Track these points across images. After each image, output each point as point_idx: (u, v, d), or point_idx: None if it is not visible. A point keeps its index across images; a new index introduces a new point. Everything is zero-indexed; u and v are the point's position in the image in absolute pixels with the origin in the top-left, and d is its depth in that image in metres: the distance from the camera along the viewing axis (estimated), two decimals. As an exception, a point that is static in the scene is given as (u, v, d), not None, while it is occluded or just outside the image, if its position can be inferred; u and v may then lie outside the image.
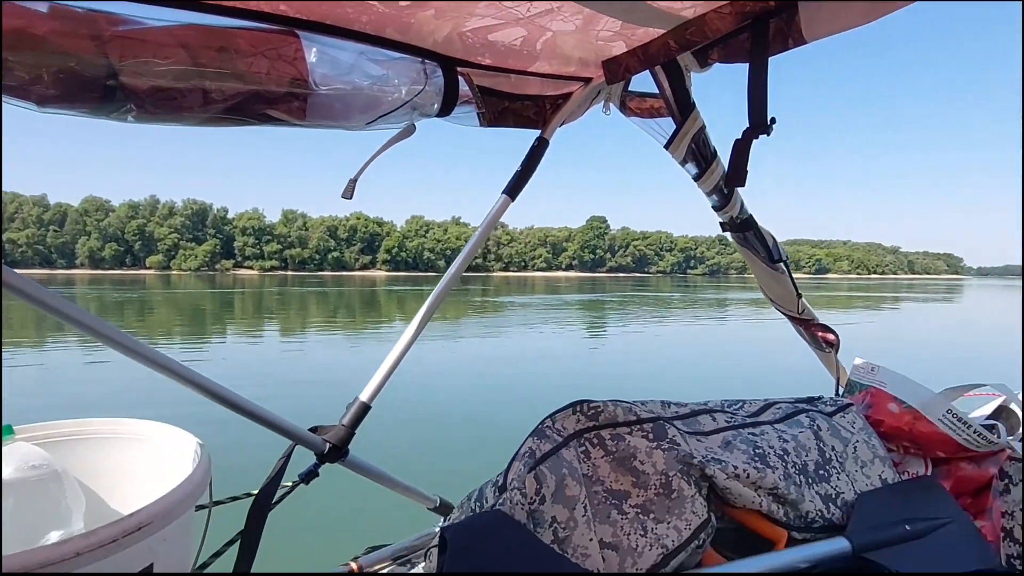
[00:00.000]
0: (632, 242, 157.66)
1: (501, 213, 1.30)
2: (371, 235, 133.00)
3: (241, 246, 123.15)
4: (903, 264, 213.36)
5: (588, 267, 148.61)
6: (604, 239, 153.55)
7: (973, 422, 1.26)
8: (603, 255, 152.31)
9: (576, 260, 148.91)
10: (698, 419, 1.20)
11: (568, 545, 0.95)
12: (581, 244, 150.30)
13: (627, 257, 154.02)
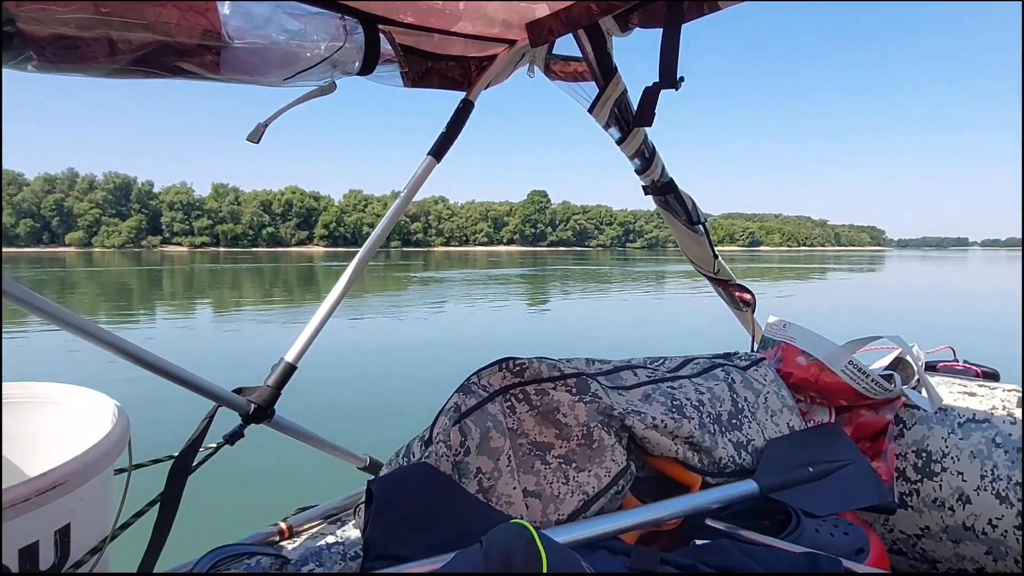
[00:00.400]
0: (573, 216, 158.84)
1: (427, 175, 1.30)
2: (308, 210, 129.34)
3: (169, 222, 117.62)
4: (830, 236, 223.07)
5: (529, 241, 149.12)
6: (545, 213, 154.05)
7: (872, 372, 1.35)
8: (544, 229, 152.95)
9: (518, 234, 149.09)
10: (620, 374, 1.25)
11: (493, 494, 0.98)
12: (522, 218, 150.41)
13: (568, 231, 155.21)
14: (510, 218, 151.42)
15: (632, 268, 38.95)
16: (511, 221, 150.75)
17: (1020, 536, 1.23)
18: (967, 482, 1.32)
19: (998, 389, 1.42)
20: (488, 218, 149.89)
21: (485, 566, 0.61)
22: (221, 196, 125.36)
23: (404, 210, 1.33)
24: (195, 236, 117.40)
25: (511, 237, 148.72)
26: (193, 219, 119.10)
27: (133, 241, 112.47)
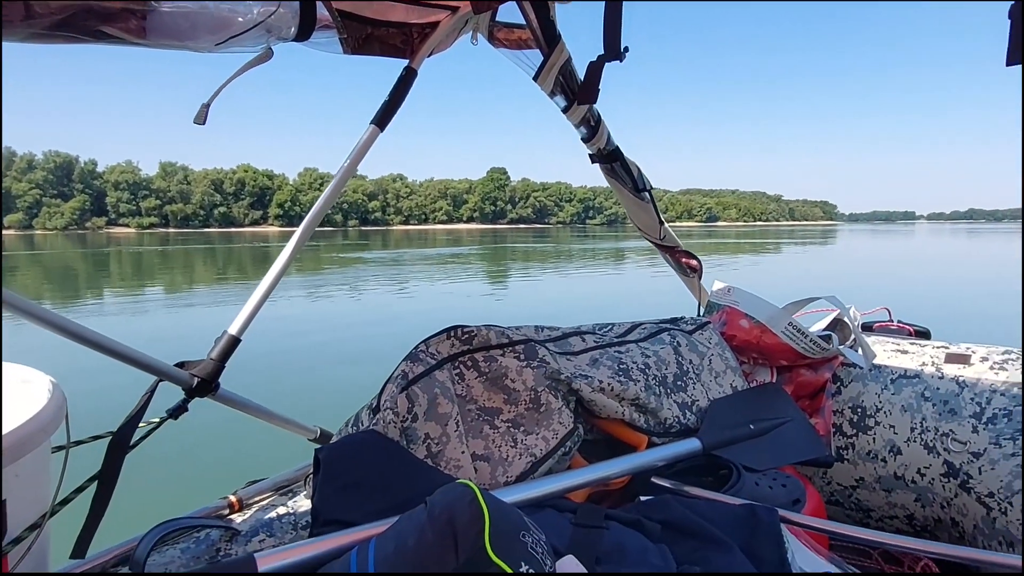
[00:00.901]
0: (532, 193, 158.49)
1: (370, 144, 1.28)
2: (261, 189, 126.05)
3: (114, 202, 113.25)
4: (785, 211, 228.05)
5: (489, 219, 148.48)
6: (505, 191, 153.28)
7: (811, 333, 1.40)
8: (504, 207, 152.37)
9: (477, 212, 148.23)
10: (569, 340, 1.27)
11: (441, 459, 0.99)
12: (482, 196, 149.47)
13: (528, 208, 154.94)
14: (469, 196, 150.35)
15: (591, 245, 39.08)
16: (470, 199, 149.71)
17: (946, 483, 1.31)
18: (898, 434, 1.39)
19: (928, 346, 1.49)
20: (447, 196, 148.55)
21: (429, 525, 0.62)
22: (169, 175, 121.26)
23: (347, 180, 1.31)
24: (143, 217, 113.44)
25: (471, 215, 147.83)
26: (140, 199, 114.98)
27: (77, 223, 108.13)
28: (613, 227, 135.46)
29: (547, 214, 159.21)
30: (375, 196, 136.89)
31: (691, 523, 0.90)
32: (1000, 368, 1.35)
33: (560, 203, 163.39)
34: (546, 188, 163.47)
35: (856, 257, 27.07)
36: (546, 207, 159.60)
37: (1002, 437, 1.23)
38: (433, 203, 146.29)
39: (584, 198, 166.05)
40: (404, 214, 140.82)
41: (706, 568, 0.81)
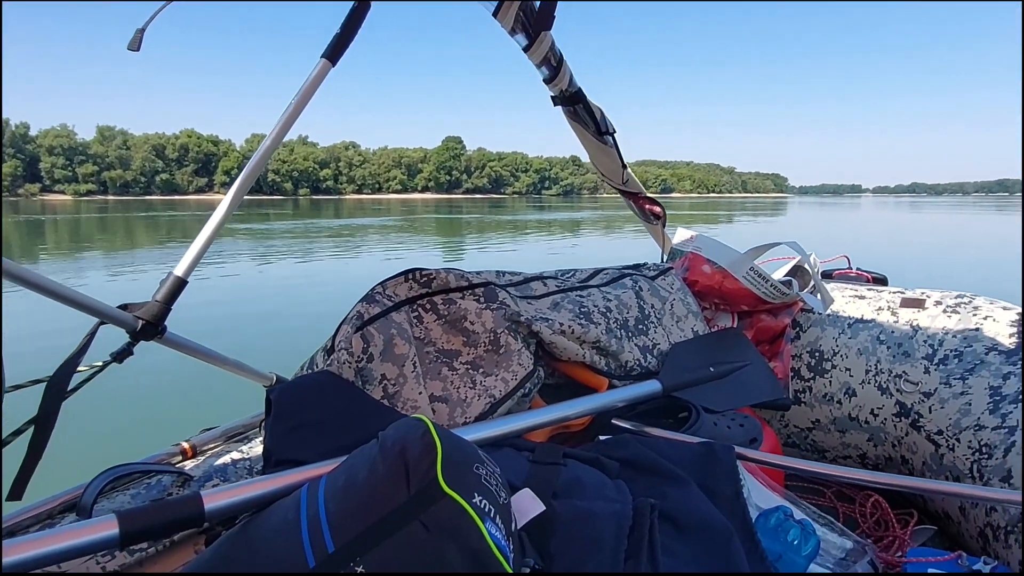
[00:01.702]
0: (488, 163, 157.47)
1: (321, 78, 1.19)
2: (206, 155, 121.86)
3: (48, 168, 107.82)
4: (738, 183, 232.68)
5: (444, 189, 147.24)
6: (460, 160, 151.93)
7: (771, 278, 1.40)
8: (459, 176, 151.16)
9: (432, 182, 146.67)
10: (530, 285, 1.25)
11: (398, 399, 0.96)
12: (437, 165, 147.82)
13: (483, 178, 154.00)
14: (424, 165, 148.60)
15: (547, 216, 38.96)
16: (425, 168, 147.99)
17: (897, 423, 1.33)
18: (853, 377, 1.41)
19: (885, 292, 1.51)
20: (402, 165, 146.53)
21: (380, 458, 0.60)
22: (108, 140, 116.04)
23: (298, 115, 1.23)
24: (80, 183, 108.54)
25: (426, 184, 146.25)
26: (77, 165, 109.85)
27: (8, 190, 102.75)
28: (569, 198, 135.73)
29: (503, 184, 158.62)
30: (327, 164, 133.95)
31: (649, 460, 0.90)
32: (952, 311, 1.37)
33: (516, 173, 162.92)
34: (502, 158, 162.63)
35: (806, 233, 27.87)
36: (502, 177, 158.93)
37: (952, 377, 1.26)
38: (387, 172, 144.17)
39: (540, 168, 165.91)
40: (357, 183, 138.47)
41: (663, 501, 0.81)
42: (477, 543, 0.55)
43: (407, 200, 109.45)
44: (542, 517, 0.72)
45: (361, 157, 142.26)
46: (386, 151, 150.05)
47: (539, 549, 0.69)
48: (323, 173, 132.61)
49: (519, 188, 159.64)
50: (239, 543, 0.63)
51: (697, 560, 0.74)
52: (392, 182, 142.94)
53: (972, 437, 1.13)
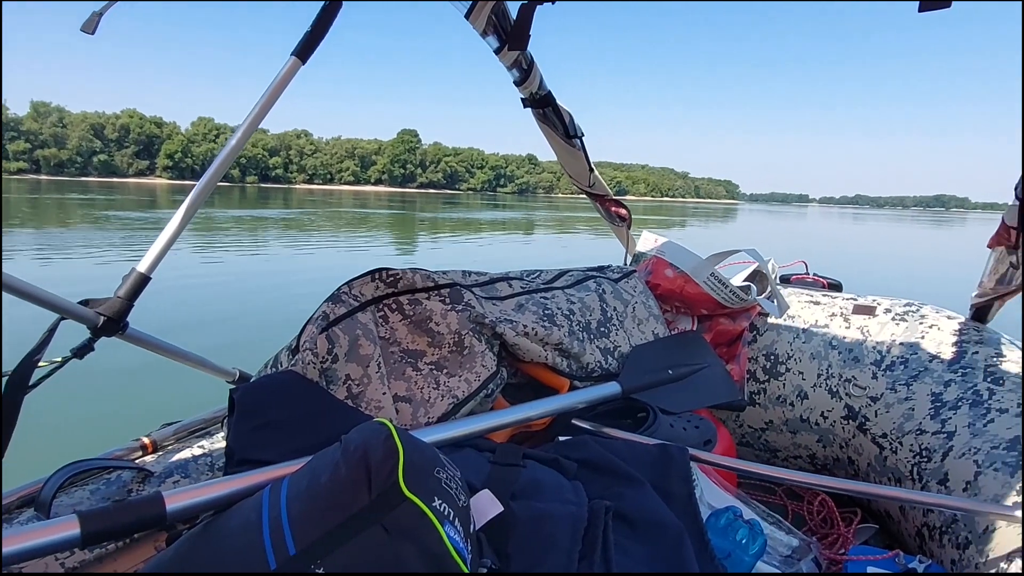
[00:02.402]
0: (444, 158, 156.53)
1: (291, 76, 1.18)
2: (149, 137, 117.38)
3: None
4: (691, 188, 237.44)
5: (399, 182, 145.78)
6: (415, 154, 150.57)
7: (730, 284, 1.45)
8: (414, 170, 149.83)
9: (386, 174, 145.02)
10: (496, 286, 1.26)
11: (362, 399, 0.97)
12: (391, 158, 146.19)
13: (438, 173, 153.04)
14: (379, 157, 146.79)
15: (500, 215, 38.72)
16: (380, 160, 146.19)
17: (845, 425, 1.40)
18: (806, 380, 1.48)
19: (839, 298, 1.58)
20: (355, 156, 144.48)
21: (343, 461, 0.61)
22: (42, 116, 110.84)
23: (267, 112, 1.21)
24: (10, 161, 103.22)
25: (379, 177, 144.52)
26: (7, 142, 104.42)
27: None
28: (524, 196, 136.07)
29: (458, 180, 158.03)
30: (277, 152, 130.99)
31: (606, 461, 0.94)
32: (901, 319, 1.44)
33: (472, 169, 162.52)
34: (458, 153, 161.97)
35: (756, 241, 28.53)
36: (457, 173, 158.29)
37: (897, 383, 1.32)
38: (340, 163, 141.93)
39: (496, 165, 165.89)
40: (308, 172, 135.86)
41: (618, 502, 0.84)
42: (436, 546, 0.57)
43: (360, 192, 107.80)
44: (501, 518, 0.74)
45: (313, 146, 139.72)
46: (339, 141, 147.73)
47: (497, 549, 0.71)
48: (273, 161, 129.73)
49: (474, 185, 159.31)
50: (200, 543, 0.63)
51: (649, 559, 0.78)
52: (345, 173, 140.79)
53: (914, 441, 1.20)
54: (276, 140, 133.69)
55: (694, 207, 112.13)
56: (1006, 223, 1.15)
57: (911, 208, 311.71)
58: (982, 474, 1.01)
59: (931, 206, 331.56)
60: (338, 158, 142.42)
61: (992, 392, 1.15)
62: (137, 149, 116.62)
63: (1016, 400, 1.10)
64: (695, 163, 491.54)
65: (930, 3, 0.67)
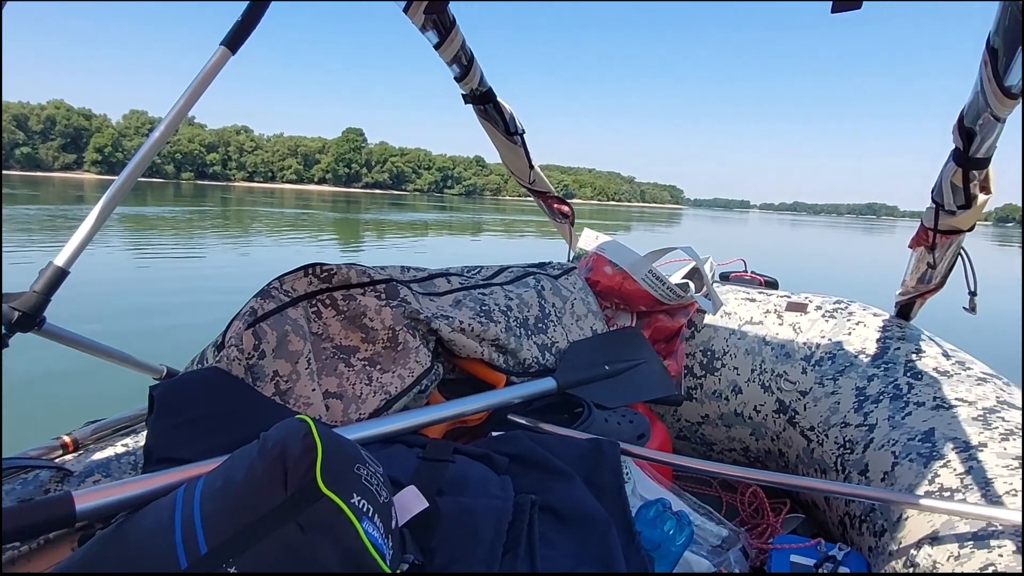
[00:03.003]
0: (390, 158, 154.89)
1: (219, 67, 1.13)
2: (76, 129, 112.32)
3: None
4: (637, 193, 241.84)
5: (343, 182, 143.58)
6: (361, 153, 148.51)
7: (668, 281, 1.48)
8: (359, 170, 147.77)
9: (330, 174, 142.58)
10: (434, 282, 1.26)
11: (290, 396, 0.96)
12: (336, 157, 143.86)
13: (384, 173, 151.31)
14: (323, 156, 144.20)
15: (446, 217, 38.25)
16: (324, 159, 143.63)
17: (776, 419, 1.45)
18: (740, 375, 1.52)
19: (773, 295, 1.63)
20: (298, 154, 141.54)
21: (259, 459, 0.61)
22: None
23: (194, 103, 1.16)
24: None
25: (323, 176, 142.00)
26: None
27: None
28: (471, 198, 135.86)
29: (404, 180, 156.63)
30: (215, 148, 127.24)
31: (537, 456, 0.95)
32: (830, 316, 1.50)
33: (419, 170, 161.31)
34: (405, 154, 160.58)
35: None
36: (404, 173, 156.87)
37: (824, 378, 1.37)
38: (282, 160, 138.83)
39: (443, 167, 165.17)
40: (248, 170, 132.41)
41: (547, 496, 0.86)
42: (353, 543, 0.57)
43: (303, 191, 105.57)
44: (425, 514, 0.74)
45: (254, 143, 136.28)
46: (282, 139, 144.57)
47: (421, 545, 0.72)
48: (210, 157, 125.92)
49: (421, 186, 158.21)
50: (111, 543, 0.62)
51: (575, 551, 0.79)
52: (287, 171, 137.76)
53: (838, 433, 1.24)
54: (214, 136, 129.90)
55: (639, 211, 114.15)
56: (924, 224, 1.21)
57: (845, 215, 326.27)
58: (899, 464, 1.05)
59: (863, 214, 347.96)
60: (280, 156, 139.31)
61: (911, 386, 1.20)
62: (64, 142, 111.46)
63: (931, 394, 1.16)
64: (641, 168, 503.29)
65: (843, 3, 0.70)
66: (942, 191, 1.08)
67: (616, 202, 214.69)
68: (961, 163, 0.97)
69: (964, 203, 1.05)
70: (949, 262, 1.24)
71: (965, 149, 0.95)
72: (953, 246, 1.19)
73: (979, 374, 1.19)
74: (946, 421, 1.07)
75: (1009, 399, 1.09)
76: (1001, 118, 0.85)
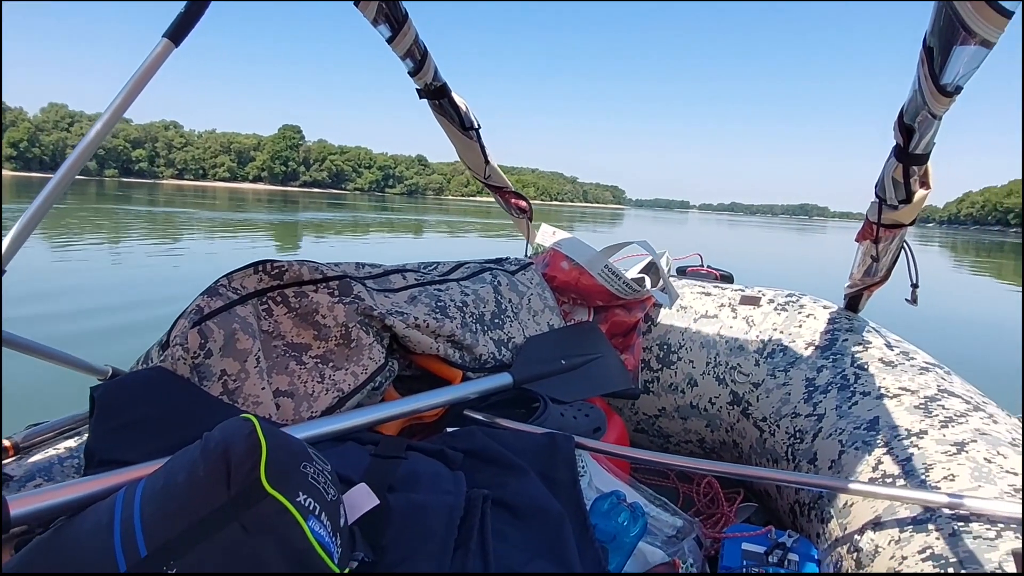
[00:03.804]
0: (329, 156, 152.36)
1: (162, 60, 1.08)
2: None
3: None
4: (579, 193, 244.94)
5: (280, 180, 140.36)
6: (298, 151, 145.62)
7: (624, 276, 1.50)
8: (297, 168, 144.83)
9: (266, 172, 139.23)
10: (389, 278, 1.26)
11: (239, 395, 0.95)
12: (272, 154, 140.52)
13: (323, 172, 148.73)
14: (258, 153, 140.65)
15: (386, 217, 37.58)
16: (259, 157, 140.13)
17: (731, 410, 1.49)
18: (696, 368, 1.55)
19: (728, 289, 1.67)
20: (231, 151, 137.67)
21: (202, 459, 0.60)
22: None
23: (135, 96, 1.11)
24: None
25: (258, 174, 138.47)
26: None
27: None
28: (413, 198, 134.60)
29: (344, 179, 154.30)
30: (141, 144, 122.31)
31: (492, 451, 0.96)
32: (782, 309, 1.55)
33: (359, 169, 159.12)
34: (344, 152, 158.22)
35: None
36: (343, 172, 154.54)
37: (776, 369, 1.42)
38: (214, 157, 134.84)
39: (384, 165, 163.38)
40: (177, 167, 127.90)
41: (501, 491, 0.87)
42: (299, 542, 0.57)
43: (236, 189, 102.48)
44: (377, 511, 0.74)
45: (184, 139, 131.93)
46: (214, 135, 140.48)
47: (372, 543, 0.71)
48: (136, 153, 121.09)
49: (361, 185, 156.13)
50: (49, 548, 0.61)
51: (529, 544, 0.81)
52: (220, 169, 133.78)
53: (789, 424, 1.28)
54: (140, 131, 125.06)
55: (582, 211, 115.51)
56: (868, 219, 1.26)
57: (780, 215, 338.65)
58: (845, 453, 1.09)
59: (796, 214, 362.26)
60: (212, 152, 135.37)
61: (858, 376, 1.25)
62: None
63: (876, 383, 1.21)
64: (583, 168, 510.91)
65: None
66: (884, 186, 1.13)
67: (559, 202, 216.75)
68: (902, 159, 1.01)
69: (905, 198, 1.10)
70: (893, 255, 1.29)
71: (905, 145, 0.98)
72: (896, 240, 1.24)
73: (921, 363, 1.24)
74: (889, 410, 1.11)
75: (949, 387, 1.15)
76: (938, 115, 0.88)
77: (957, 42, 0.72)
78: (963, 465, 0.91)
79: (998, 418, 1.04)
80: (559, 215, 70.29)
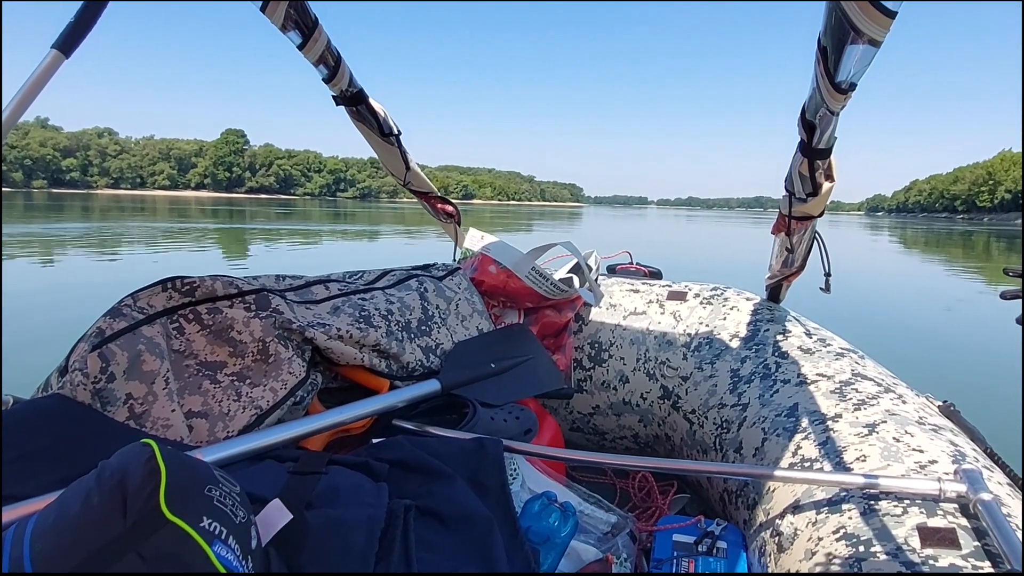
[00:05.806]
0: (277, 160, 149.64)
1: (52, 71, 1.04)
2: None
3: None
4: (537, 192, 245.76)
5: (224, 187, 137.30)
6: (243, 156, 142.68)
7: (551, 277, 1.53)
8: (242, 174, 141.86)
9: (209, 178, 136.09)
10: (311, 289, 1.25)
11: (147, 419, 0.92)
12: (215, 160, 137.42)
13: (270, 177, 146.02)
14: (200, 159, 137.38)
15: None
16: (201, 163, 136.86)
17: (662, 405, 1.53)
18: (627, 365, 1.59)
19: (656, 285, 1.72)
20: (171, 158, 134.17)
21: (96, 489, 0.58)
22: None
23: (23, 111, 1.07)
24: None
25: (201, 181, 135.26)
26: None
27: None
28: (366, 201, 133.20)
29: (293, 184, 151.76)
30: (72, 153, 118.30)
31: (418, 459, 0.96)
32: (707, 303, 1.60)
33: (308, 173, 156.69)
34: (292, 156, 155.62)
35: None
36: (292, 176, 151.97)
37: (703, 362, 1.47)
38: (152, 165, 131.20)
39: (335, 169, 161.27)
40: (113, 176, 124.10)
41: (427, 499, 0.87)
42: (203, 567, 0.56)
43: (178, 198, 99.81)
44: (294, 529, 0.74)
45: (119, 146, 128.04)
46: (152, 141, 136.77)
47: (289, 562, 0.71)
48: (67, 163, 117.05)
49: (312, 189, 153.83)
50: None
51: (457, 551, 0.81)
52: (159, 176, 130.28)
53: (716, 415, 1.33)
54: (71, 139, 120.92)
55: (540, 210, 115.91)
56: (781, 212, 1.31)
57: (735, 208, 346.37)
58: (768, 440, 1.14)
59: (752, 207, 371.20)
60: (150, 160, 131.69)
61: (779, 365, 1.31)
62: None
63: (795, 371, 1.26)
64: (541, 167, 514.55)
65: None
66: (793, 180, 1.18)
67: (517, 202, 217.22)
68: (807, 154, 1.06)
69: (812, 191, 1.15)
70: (806, 246, 1.35)
71: (809, 141, 1.04)
72: (808, 231, 1.30)
73: (838, 349, 1.31)
74: (808, 396, 1.17)
75: (862, 371, 1.21)
76: (835, 111, 0.93)
77: (848, 41, 0.75)
78: (874, 446, 0.96)
79: (907, 398, 1.10)
80: (517, 215, 70.29)
